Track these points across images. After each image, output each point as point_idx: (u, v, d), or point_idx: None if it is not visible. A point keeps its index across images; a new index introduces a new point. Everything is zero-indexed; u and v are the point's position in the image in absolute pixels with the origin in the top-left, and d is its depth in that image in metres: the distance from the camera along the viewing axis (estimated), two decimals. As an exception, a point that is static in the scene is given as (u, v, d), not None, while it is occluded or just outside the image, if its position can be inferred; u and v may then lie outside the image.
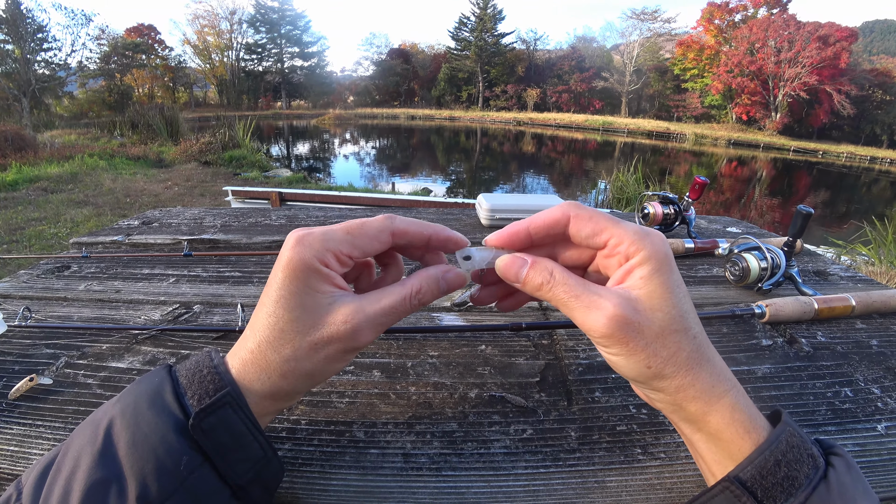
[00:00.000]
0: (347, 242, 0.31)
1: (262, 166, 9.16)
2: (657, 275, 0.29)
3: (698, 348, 0.29)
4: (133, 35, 34.86)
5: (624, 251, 0.30)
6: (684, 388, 0.29)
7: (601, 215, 0.31)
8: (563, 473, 0.37)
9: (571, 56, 40.53)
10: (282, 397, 0.31)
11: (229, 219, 1.08)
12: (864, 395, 0.47)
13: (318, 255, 0.29)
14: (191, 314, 0.62)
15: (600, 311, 0.28)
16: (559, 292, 0.30)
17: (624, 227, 0.30)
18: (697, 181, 0.91)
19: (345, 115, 37.02)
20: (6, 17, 22.67)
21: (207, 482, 0.27)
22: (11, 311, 0.62)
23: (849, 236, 4.20)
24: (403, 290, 0.31)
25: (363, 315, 0.30)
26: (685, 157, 19.83)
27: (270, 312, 0.29)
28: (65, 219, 4.89)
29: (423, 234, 0.33)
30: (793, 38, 27.51)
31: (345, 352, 0.30)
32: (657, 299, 0.28)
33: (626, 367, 0.30)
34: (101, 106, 29.57)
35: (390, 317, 0.31)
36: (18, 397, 0.44)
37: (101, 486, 0.25)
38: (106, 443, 0.26)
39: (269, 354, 0.29)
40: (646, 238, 0.29)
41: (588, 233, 0.31)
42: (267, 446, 0.29)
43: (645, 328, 0.28)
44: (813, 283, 0.76)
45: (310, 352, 0.29)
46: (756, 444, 0.27)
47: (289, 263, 0.29)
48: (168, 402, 0.27)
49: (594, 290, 0.29)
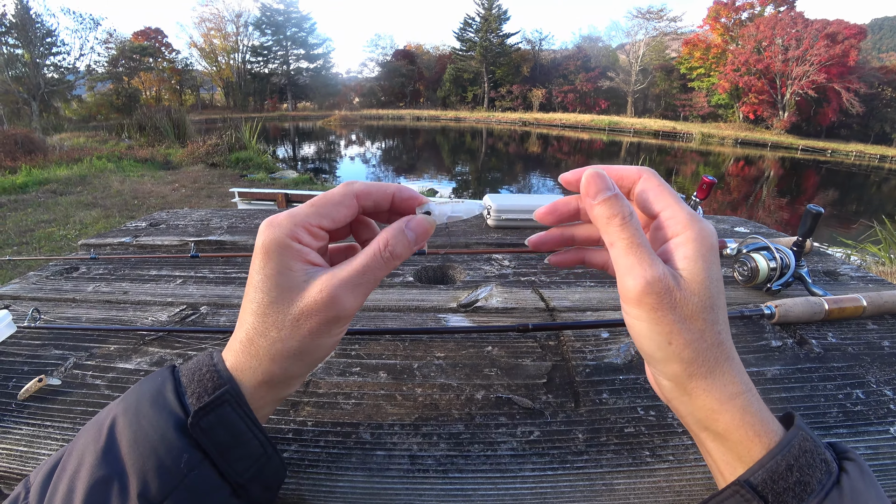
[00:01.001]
0: (314, 214, 0.31)
1: (269, 168, 9.20)
2: (701, 259, 0.28)
3: (720, 343, 0.28)
4: (140, 38, 35.19)
5: (675, 226, 0.30)
6: (696, 377, 0.28)
7: (668, 189, 0.31)
8: (571, 476, 0.36)
9: (577, 56, 40.43)
10: (277, 383, 0.30)
11: (236, 220, 1.09)
12: (876, 397, 0.46)
13: (287, 232, 0.29)
14: (198, 315, 0.62)
15: (650, 268, 0.28)
16: (626, 233, 0.29)
17: (682, 206, 0.30)
18: (705, 181, 0.91)
19: (350, 116, 37.16)
20: (16, 23, 22.95)
21: (207, 480, 0.27)
22: (21, 313, 0.62)
23: (858, 236, 4.15)
24: (372, 247, 0.31)
25: (336, 280, 0.29)
26: (692, 156, 19.70)
27: (252, 299, 0.30)
28: (74, 221, 4.94)
29: (387, 191, 0.33)
30: (800, 35, 27.29)
31: (327, 323, 0.29)
32: (698, 283, 0.28)
33: (647, 336, 0.29)
34: (109, 109, 29.86)
35: (364, 276, 0.30)
36: (28, 398, 0.45)
37: (103, 483, 0.25)
38: (109, 441, 0.27)
39: (256, 340, 0.29)
40: (699, 222, 0.29)
41: (651, 196, 0.31)
42: (267, 444, 0.29)
43: (680, 305, 0.28)
44: (823, 284, 0.75)
45: (293, 329, 0.29)
46: (767, 448, 0.27)
47: (262, 247, 0.29)
48: (169, 401, 0.28)
49: (652, 251, 0.29)
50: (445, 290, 0.69)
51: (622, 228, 0.29)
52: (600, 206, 0.30)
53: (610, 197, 0.30)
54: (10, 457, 0.39)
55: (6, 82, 21.63)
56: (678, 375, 0.29)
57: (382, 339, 0.55)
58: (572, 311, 0.63)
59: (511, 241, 0.94)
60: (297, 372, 0.31)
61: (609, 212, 0.30)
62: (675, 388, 0.30)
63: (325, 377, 0.48)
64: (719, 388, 0.28)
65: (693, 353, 0.28)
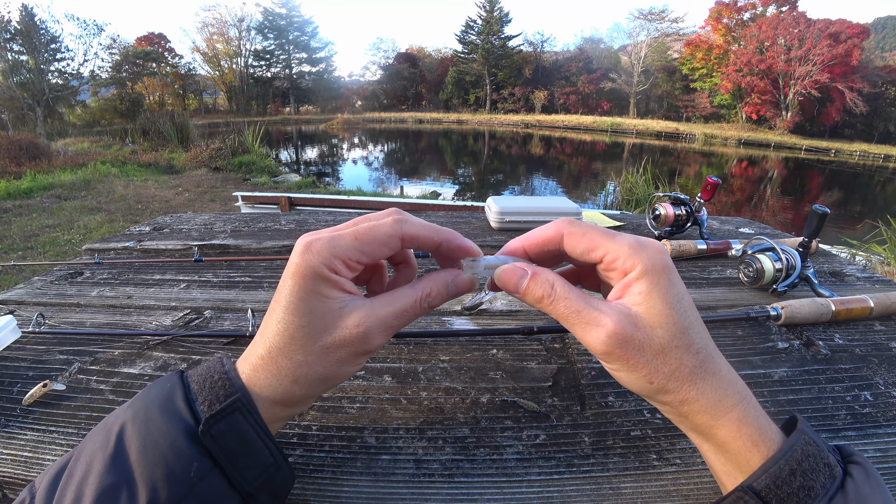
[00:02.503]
0: (356, 249, 0.30)
1: (272, 171, 9.23)
2: (656, 290, 0.28)
3: (702, 363, 0.28)
4: (144, 44, 35.40)
5: (621, 266, 0.29)
6: (689, 401, 0.28)
7: (595, 231, 0.30)
8: (578, 480, 0.36)
9: (579, 57, 40.45)
10: (293, 403, 0.30)
11: (239, 224, 1.09)
12: (884, 399, 0.46)
13: (325, 261, 0.29)
14: (202, 319, 0.62)
15: (601, 327, 0.28)
16: (560, 307, 0.29)
17: (618, 241, 0.29)
18: (709, 181, 0.90)
19: (353, 119, 37.25)
20: (21, 29, 23.14)
21: (217, 488, 0.26)
22: (26, 318, 0.63)
23: (863, 236, 4.13)
24: (414, 294, 0.32)
25: (374, 318, 0.30)
26: (695, 157, 19.66)
27: (280, 319, 0.29)
28: (78, 225, 4.96)
29: (434, 240, 0.32)
30: (803, 35, 27.24)
31: (357, 355, 0.30)
32: (657, 315, 0.28)
33: (629, 382, 0.30)
34: (112, 114, 30.03)
35: (401, 319, 0.31)
36: (32, 403, 0.45)
37: (112, 490, 0.25)
38: (117, 448, 0.27)
39: (280, 360, 0.29)
40: (641, 252, 0.29)
41: (582, 250, 0.30)
42: (277, 453, 0.29)
43: (645, 345, 0.28)
44: (829, 284, 0.74)
45: (322, 356, 0.29)
46: (765, 457, 0.27)
47: (297, 270, 0.29)
48: (179, 408, 0.28)
49: (595, 306, 0.29)
50: (449, 293, 0.69)
51: (554, 304, 0.30)
52: (525, 296, 0.31)
53: (527, 283, 0.30)
54: (14, 462, 0.39)
55: (11, 88, 21.79)
56: (671, 404, 0.29)
57: (387, 343, 0.55)
58: (577, 313, 0.63)
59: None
60: (315, 394, 0.31)
61: (535, 295, 0.30)
62: (671, 411, 0.30)
63: (330, 381, 0.47)
64: (712, 405, 0.28)
65: (677, 383, 0.28)
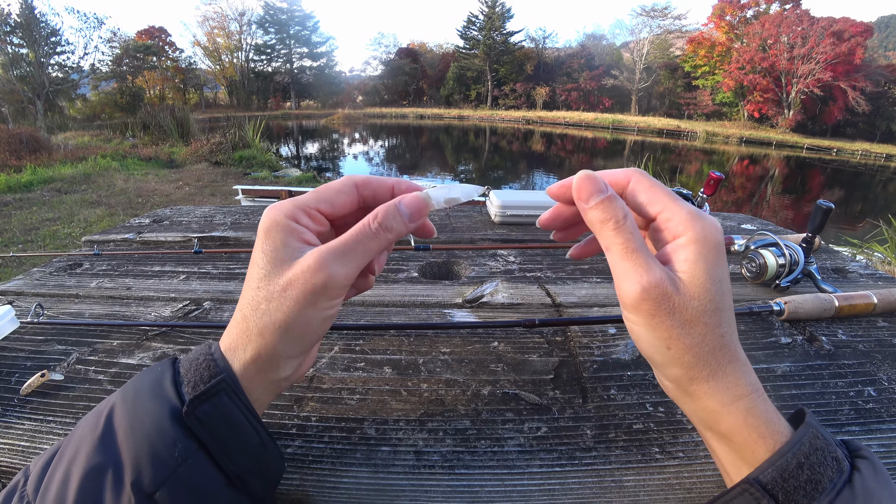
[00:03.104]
0: (314, 198, 0.32)
1: (272, 166, 9.22)
2: (702, 261, 0.28)
3: (724, 346, 0.28)
4: (144, 37, 35.25)
5: (674, 228, 0.29)
6: (699, 380, 0.28)
7: (661, 188, 0.30)
8: (579, 472, 0.36)
9: (581, 54, 40.30)
10: (264, 362, 0.29)
11: (239, 216, 1.09)
12: (888, 395, 0.45)
13: (287, 213, 0.30)
14: (201, 311, 0.62)
15: (647, 273, 0.27)
16: (621, 237, 0.28)
17: (680, 204, 0.29)
18: (712, 176, 0.90)
19: (354, 114, 37.17)
20: (20, 22, 23.04)
21: (202, 470, 0.26)
22: (24, 308, 0.62)
23: (864, 236, 4.12)
24: (363, 220, 0.31)
25: (325, 251, 0.29)
26: (696, 155, 19.62)
27: (250, 276, 0.30)
28: (78, 219, 4.96)
29: (386, 183, 0.34)
30: (806, 33, 27.11)
31: (313, 292, 0.28)
32: (697, 287, 0.27)
33: (646, 342, 0.29)
34: (113, 108, 29.94)
35: (352, 245, 0.30)
36: (30, 393, 0.44)
37: (98, 471, 0.25)
38: (106, 429, 0.27)
39: (249, 316, 0.29)
40: (698, 220, 0.28)
41: (645, 199, 0.30)
42: (265, 435, 0.29)
43: (679, 309, 0.27)
44: (832, 281, 0.74)
45: (280, 300, 0.28)
46: (771, 449, 0.26)
47: (262, 227, 0.30)
48: (166, 390, 0.28)
49: (649, 253, 0.28)
50: (450, 286, 0.69)
51: (616, 232, 0.28)
52: (594, 209, 0.29)
53: (603, 199, 0.29)
54: (11, 451, 0.39)
55: (11, 82, 21.71)
56: (679, 379, 0.28)
57: (387, 335, 0.54)
58: (579, 306, 0.62)
59: (516, 237, 0.93)
60: (283, 350, 0.29)
61: (602, 215, 0.29)
62: (677, 389, 0.30)
63: (330, 372, 0.47)
64: (722, 390, 0.28)
65: (694, 358, 0.27)
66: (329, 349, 0.51)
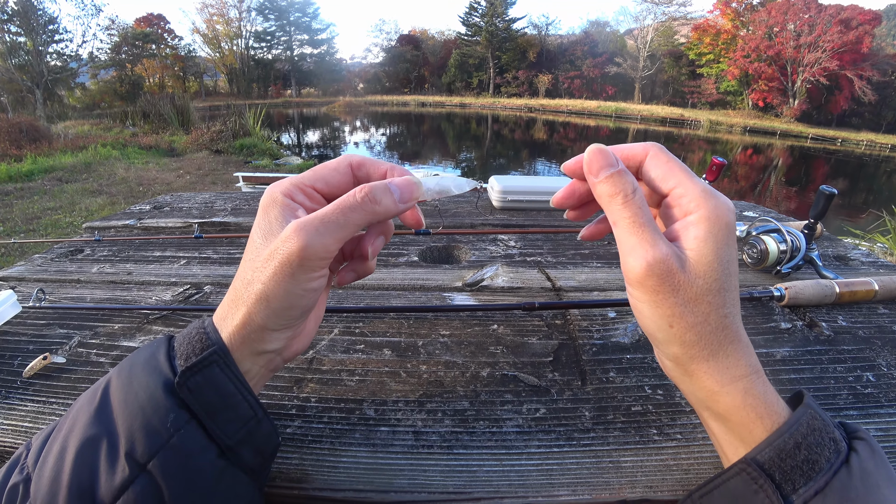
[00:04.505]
0: (310, 176, 0.32)
1: (273, 154, 9.18)
2: (712, 239, 0.27)
3: (726, 327, 0.28)
4: (143, 25, 34.97)
5: (686, 204, 0.28)
6: (698, 359, 0.28)
7: (677, 163, 0.30)
8: (577, 453, 0.36)
9: (584, 41, 39.88)
10: (250, 332, 0.29)
11: (240, 202, 1.08)
12: (887, 380, 0.45)
13: (283, 190, 0.31)
14: (201, 295, 0.62)
15: (653, 249, 0.27)
16: (629, 211, 0.28)
17: (695, 181, 0.29)
18: (715, 162, 0.89)
19: (355, 102, 36.95)
20: (18, 10, 22.84)
21: (194, 440, 0.27)
22: (26, 293, 0.62)
23: (867, 226, 4.10)
24: (347, 193, 0.30)
25: (302, 221, 0.28)
26: (699, 144, 19.49)
27: (245, 251, 0.31)
28: (79, 208, 4.96)
29: (380, 167, 0.34)
30: (813, 21, 26.76)
31: (291, 263, 0.28)
32: (704, 265, 0.27)
33: (648, 318, 0.29)
34: (112, 96, 29.82)
35: (332, 217, 0.29)
36: (33, 375, 0.45)
37: (93, 441, 0.26)
38: (102, 402, 0.27)
39: (237, 287, 0.30)
40: (712, 199, 0.28)
41: (660, 174, 0.30)
42: (257, 406, 0.29)
43: (683, 287, 0.27)
44: (833, 268, 0.74)
45: (262, 269, 0.28)
46: (769, 430, 0.26)
47: (260, 204, 0.31)
48: (160, 363, 0.28)
49: (657, 229, 0.28)
50: (450, 270, 0.69)
51: (624, 206, 0.28)
52: (602, 183, 0.29)
53: (613, 174, 0.29)
54: (15, 432, 0.39)
55: (9, 71, 21.57)
56: (679, 357, 0.28)
57: (387, 317, 0.55)
58: (579, 290, 0.62)
59: (517, 222, 0.93)
60: (266, 321, 0.29)
61: (611, 189, 0.29)
62: (677, 368, 0.29)
63: (329, 354, 0.47)
64: (721, 370, 0.28)
65: (695, 336, 0.27)
66: (329, 331, 0.51)
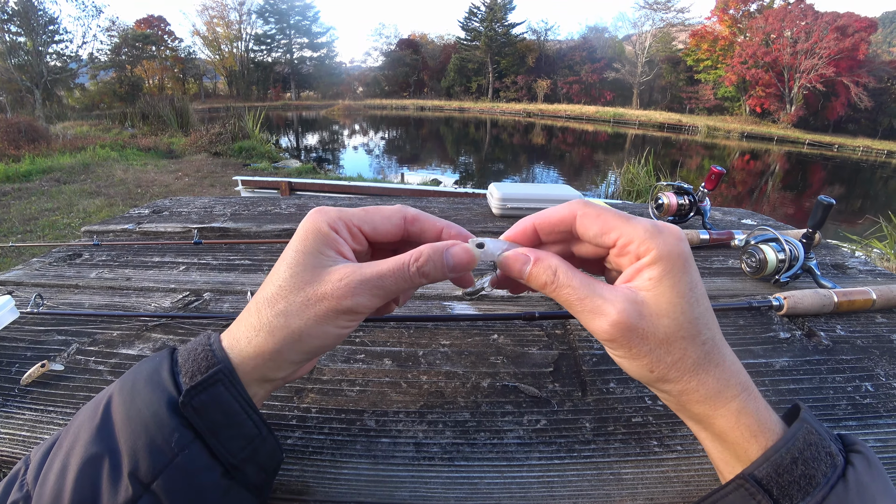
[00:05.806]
0: (359, 217, 0.32)
1: (272, 157, 9.17)
2: (667, 277, 0.27)
3: (707, 354, 0.28)
4: (143, 26, 35.00)
5: (634, 250, 0.28)
6: (688, 392, 0.28)
7: (610, 213, 0.29)
8: (578, 465, 0.36)
9: (583, 47, 40.06)
10: (267, 360, 0.29)
11: (239, 207, 1.08)
12: (885, 390, 0.46)
13: (331, 221, 0.31)
14: (201, 301, 0.62)
15: (604, 316, 0.27)
16: (563, 294, 0.29)
17: (634, 224, 0.28)
18: (714, 171, 0.90)
19: (354, 105, 37.02)
20: (18, 10, 22.84)
21: (198, 460, 0.26)
22: (24, 299, 0.62)
23: (863, 232, 4.12)
24: (403, 257, 0.30)
25: (359, 275, 0.29)
26: (697, 149, 19.54)
27: (275, 272, 0.30)
28: (77, 209, 4.94)
29: (437, 225, 0.33)
30: (810, 28, 26.93)
31: (337, 313, 0.29)
32: (665, 304, 0.27)
33: (631, 370, 0.29)
34: (112, 97, 29.78)
35: (387, 280, 0.29)
36: (30, 383, 0.44)
37: (96, 460, 0.25)
38: (104, 418, 0.27)
39: (263, 311, 0.29)
40: (657, 237, 0.28)
41: (596, 231, 0.29)
42: (261, 424, 0.29)
43: (649, 334, 0.27)
44: (831, 276, 0.74)
45: (301, 308, 0.28)
46: (763, 447, 0.27)
47: (303, 226, 0.30)
48: (163, 380, 0.28)
49: (599, 293, 0.28)
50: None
51: (557, 292, 0.29)
52: (528, 282, 0.30)
53: (530, 269, 0.30)
54: (12, 441, 0.39)
55: (9, 70, 21.53)
56: (670, 391, 0.29)
57: (387, 327, 0.55)
58: (578, 300, 0.62)
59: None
60: (290, 356, 0.29)
61: (539, 281, 0.30)
62: (670, 399, 0.30)
63: (330, 364, 0.47)
64: (712, 395, 0.28)
65: (678, 373, 0.28)
66: (329, 341, 0.51)
